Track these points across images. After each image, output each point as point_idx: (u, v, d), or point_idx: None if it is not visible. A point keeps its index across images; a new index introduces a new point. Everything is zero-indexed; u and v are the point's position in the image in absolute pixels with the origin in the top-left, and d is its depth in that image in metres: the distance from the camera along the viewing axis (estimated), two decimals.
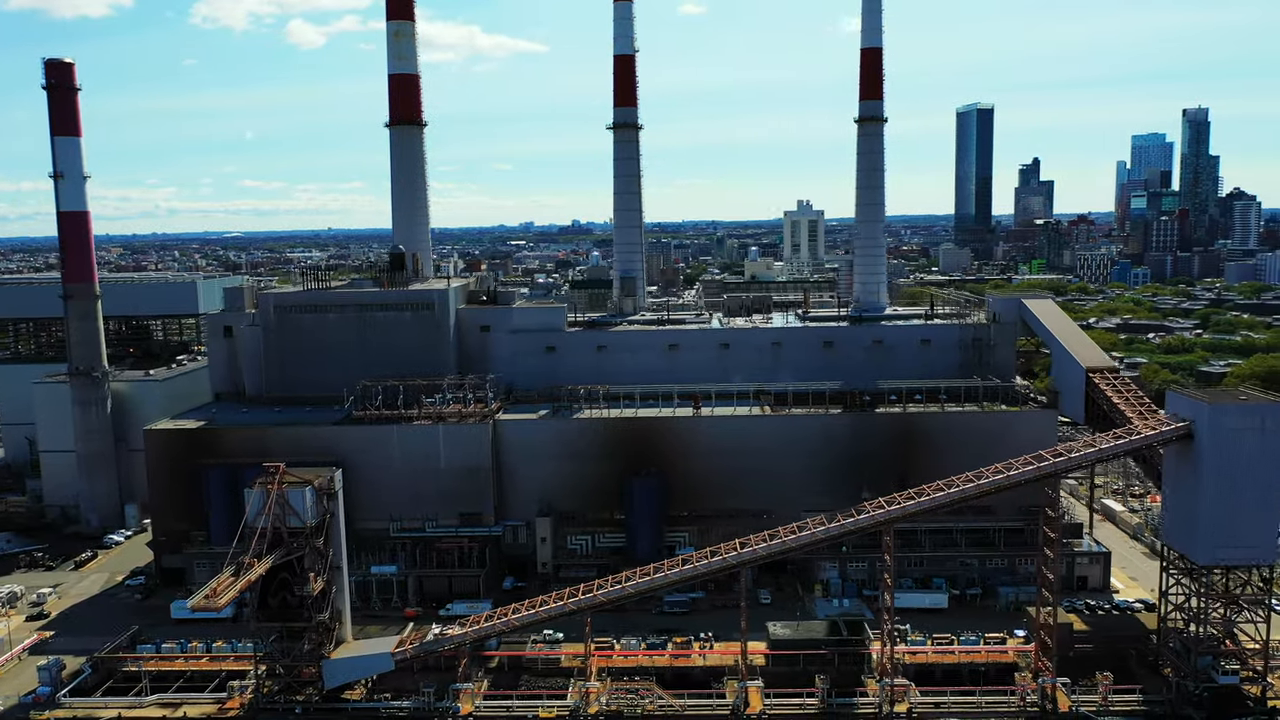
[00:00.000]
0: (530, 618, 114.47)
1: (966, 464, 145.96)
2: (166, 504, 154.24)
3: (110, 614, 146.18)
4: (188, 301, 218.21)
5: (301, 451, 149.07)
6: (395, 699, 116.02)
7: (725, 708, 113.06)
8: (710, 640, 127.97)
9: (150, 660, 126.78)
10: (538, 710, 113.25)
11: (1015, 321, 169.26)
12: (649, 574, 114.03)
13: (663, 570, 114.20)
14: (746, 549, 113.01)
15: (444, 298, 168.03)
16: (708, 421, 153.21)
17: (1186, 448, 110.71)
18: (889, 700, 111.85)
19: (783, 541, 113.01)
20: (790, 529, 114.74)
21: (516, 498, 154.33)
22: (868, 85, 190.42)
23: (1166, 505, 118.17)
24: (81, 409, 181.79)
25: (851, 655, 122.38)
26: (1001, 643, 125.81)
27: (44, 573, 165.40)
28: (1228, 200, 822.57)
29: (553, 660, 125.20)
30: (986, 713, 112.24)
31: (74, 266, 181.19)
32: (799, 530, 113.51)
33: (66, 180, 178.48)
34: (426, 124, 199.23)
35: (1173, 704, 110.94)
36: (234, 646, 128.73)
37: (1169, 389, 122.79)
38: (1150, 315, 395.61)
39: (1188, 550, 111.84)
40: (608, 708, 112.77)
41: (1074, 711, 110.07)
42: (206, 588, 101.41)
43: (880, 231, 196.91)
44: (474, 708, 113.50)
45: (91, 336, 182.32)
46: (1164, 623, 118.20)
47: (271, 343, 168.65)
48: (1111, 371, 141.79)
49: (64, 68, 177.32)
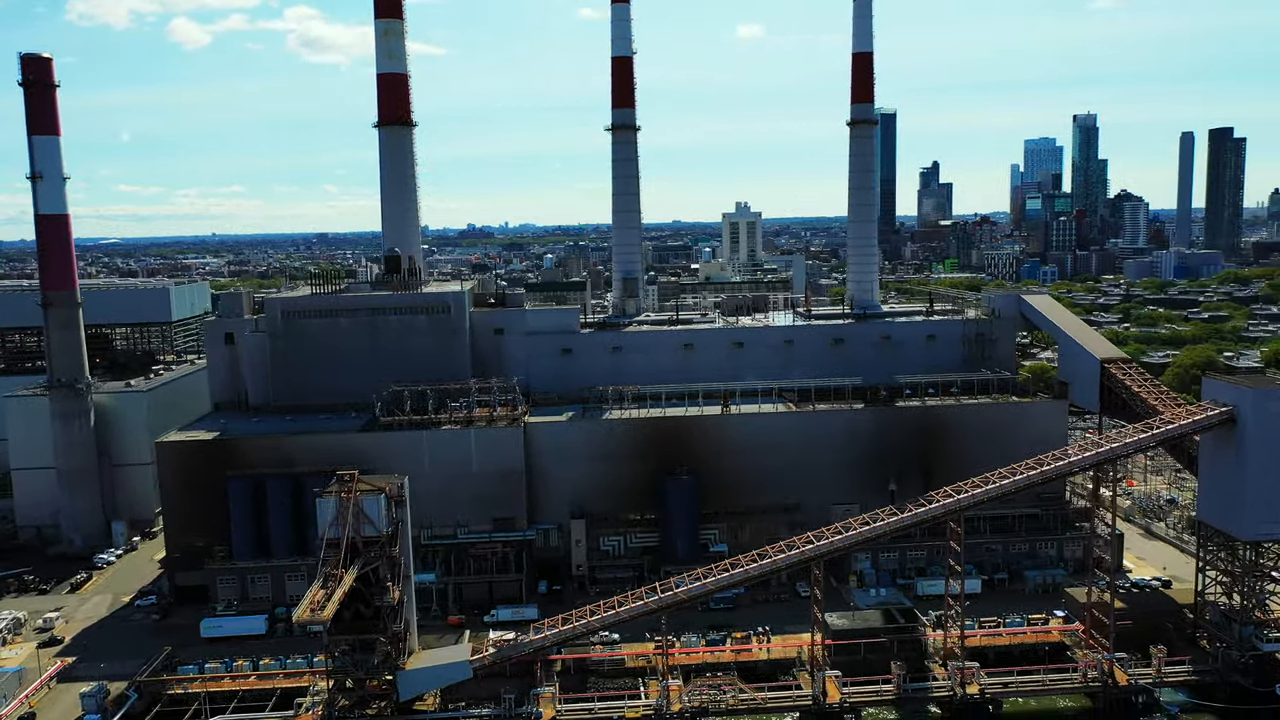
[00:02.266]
0: (611, 618, 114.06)
1: (985, 454, 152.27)
2: (182, 519, 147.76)
3: (128, 636, 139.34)
4: (160, 309, 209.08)
5: (327, 460, 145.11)
6: (469, 707, 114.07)
7: (806, 698, 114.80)
8: (767, 634, 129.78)
9: (195, 682, 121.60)
10: (623, 711, 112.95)
11: (1015, 316, 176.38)
12: (728, 569, 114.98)
13: (740, 565, 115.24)
14: (823, 540, 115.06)
15: (460, 300, 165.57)
16: (737, 419, 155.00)
17: (1228, 431, 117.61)
18: (959, 683, 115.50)
19: (858, 532, 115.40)
20: (861, 519, 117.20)
21: (547, 500, 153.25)
22: (859, 89, 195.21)
23: (1203, 486, 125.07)
24: (63, 423, 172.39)
25: (910, 642, 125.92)
26: (1044, 623, 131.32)
27: (37, 596, 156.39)
28: (1117, 201, 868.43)
29: (618, 661, 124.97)
30: (1050, 690, 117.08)
31: (54, 272, 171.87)
32: (872, 521, 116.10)
33: (46, 181, 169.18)
34: (416, 124, 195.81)
35: (1220, 673, 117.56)
36: (282, 663, 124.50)
37: (1205, 377, 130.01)
38: (1075, 310, 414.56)
39: (1230, 527, 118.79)
40: (690, 704, 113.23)
41: (1133, 684, 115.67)
42: (306, 602, 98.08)
43: (873, 231, 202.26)
44: (556, 712, 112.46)
45: (74, 346, 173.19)
46: (1201, 597, 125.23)
47: (279, 349, 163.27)
48: (1125, 362, 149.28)
49: (41, 63, 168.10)
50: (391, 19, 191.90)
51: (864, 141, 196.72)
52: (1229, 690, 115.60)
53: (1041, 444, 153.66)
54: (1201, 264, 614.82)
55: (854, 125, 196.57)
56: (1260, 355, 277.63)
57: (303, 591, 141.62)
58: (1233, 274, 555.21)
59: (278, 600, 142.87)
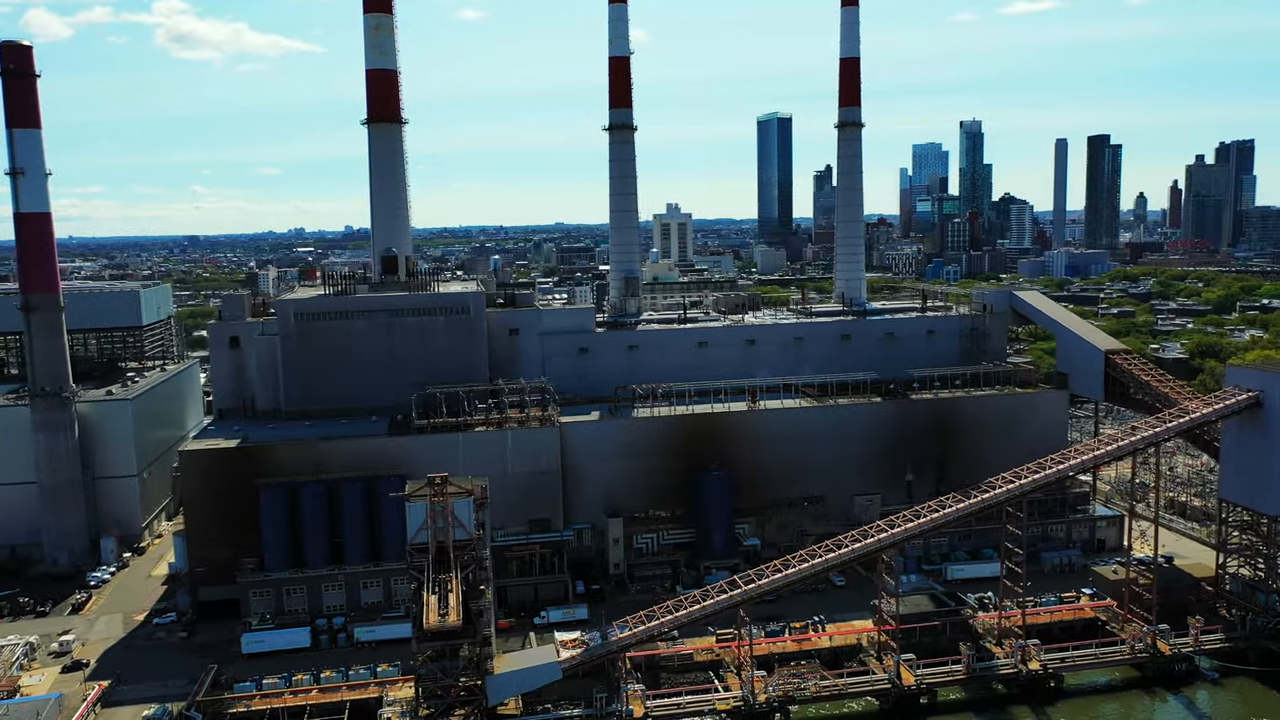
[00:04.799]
0: (697, 613, 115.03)
1: (993, 443, 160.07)
2: (205, 531, 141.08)
3: (157, 656, 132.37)
4: (130, 313, 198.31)
5: (360, 465, 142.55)
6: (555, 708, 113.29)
7: (883, 682, 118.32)
8: (822, 622, 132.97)
9: (256, 698, 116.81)
10: (714, 704, 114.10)
11: (1006, 311, 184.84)
12: (806, 559, 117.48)
13: (819, 555, 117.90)
14: (897, 529, 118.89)
15: (479, 301, 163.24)
16: (768, 414, 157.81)
17: (1254, 414, 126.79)
18: (1021, 660, 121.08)
19: (929, 519, 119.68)
20: (929, 507, 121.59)
21: (581, 500, 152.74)
22: (846, 93, 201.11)
23: (1227, 467, 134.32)
24: (48, 435, 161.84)
25: (961, 624, 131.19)
26: (1075, 600, 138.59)
27: (35, 620, 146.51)
28: (1003, 204, 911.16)
29: (687, 656, 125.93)
30: (1103, 663, 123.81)
31: (36, 274, 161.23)
32: (942, 508, 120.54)
33: (27, 177, 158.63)
34: (407, 121, 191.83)
35: (1249, 638, 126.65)
36: (345, 675, 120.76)
37: (1229, 365, 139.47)
38: None
39: (1256, 504, 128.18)
40: (775, 694, 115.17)
41: (1177, 653, 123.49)
42: (431, 611, 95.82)
43: (860, 231, 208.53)
44: (645, 709, 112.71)
45: (57, 353, 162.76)
46: (1223, 570, 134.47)
47: (291, 352, 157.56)
48: (1127, 353, 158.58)
49: (21, 51, 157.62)
50: (381, 13, 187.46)
51: (851, 144, 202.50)
52: (1259, 654, 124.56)
53: (1045, 432, 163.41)
54: (1090, 263, 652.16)
55: (842, 128, 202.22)
56: (1182, 347, 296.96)
57: (340, 602, 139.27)
58: (1122, 272, 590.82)
59: (315, 612, 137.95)
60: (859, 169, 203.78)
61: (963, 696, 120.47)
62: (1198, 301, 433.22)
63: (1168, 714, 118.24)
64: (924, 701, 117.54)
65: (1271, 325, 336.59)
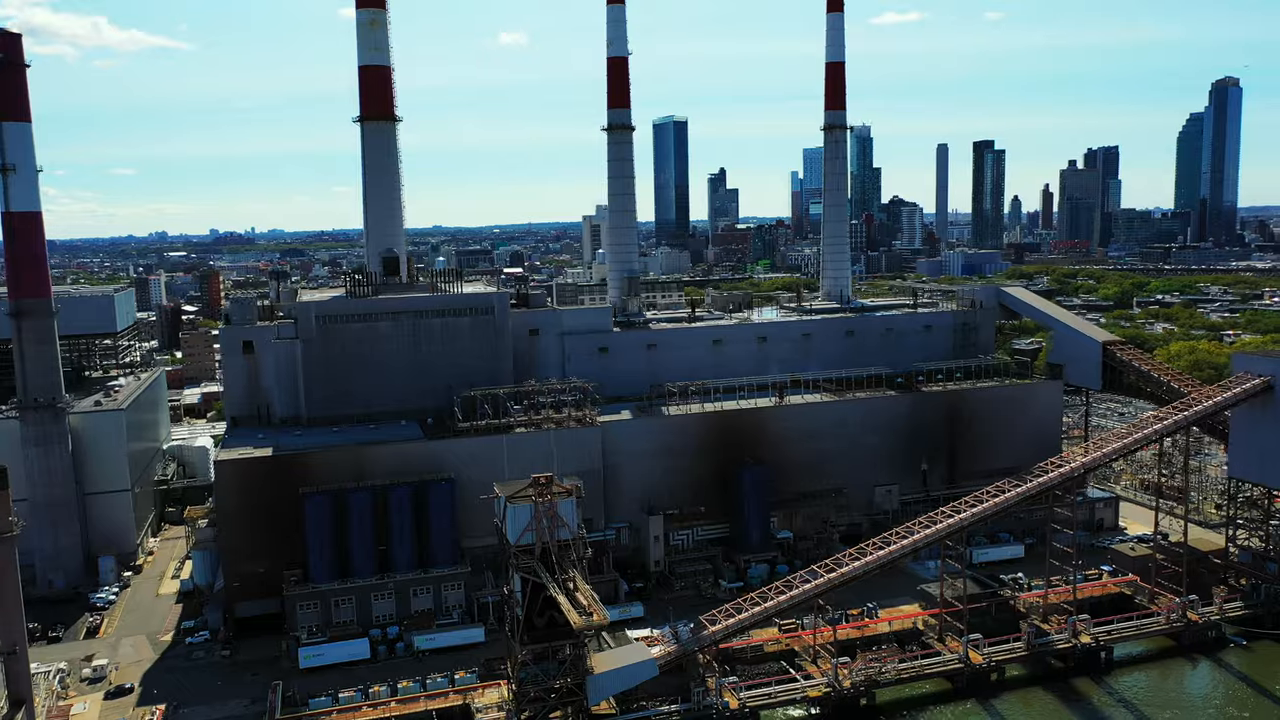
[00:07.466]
0: (786, 602, 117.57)
1: (997, 431, 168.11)
2: (242, 544, 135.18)
3: (202, 676, 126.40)
4: (105, 318, 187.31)
5: (405, 470, 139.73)
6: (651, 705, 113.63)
7: (954, 662, 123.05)
8: (874, 608, 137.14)
9: (333, 714, 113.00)
10: (804, 691, 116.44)
11: (994, 306, 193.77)
12: (882, 545, 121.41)
13: (904, 538, 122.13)
14: (966, 512, 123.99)
15: (504, 301, 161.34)
16: (799, 409, 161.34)
17: (1265, 398, 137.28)
18: (1074, 634, 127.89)
19: (994, 503, 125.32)
20: (993, 489, 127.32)
21: (619, 499, 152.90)
22: (832, 96, 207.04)
23: (1236, 448, 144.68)
24: (41, 450, 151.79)
25: (1005, 604, 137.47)
26: (1099, 578, 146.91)
27: (49, 645, 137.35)
28: (893, 206, 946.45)
29: (758, 647, 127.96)
30: (1145, 634, 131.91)
31: (27, 278, 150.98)
32: (1004, 491, 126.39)
33: (17, 174, 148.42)
34: (401, 119, 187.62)
35: (1265, 605, 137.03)
36: (423, 685, 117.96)
37: (1236, 353, 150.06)
38: None
39: (1268, 480, 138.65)
40: (859, 679, 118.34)
41: (1207, 621, 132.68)
42: (573, 613, 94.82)
43: (845, 231, 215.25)
44: (739, 701, 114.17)
45: (50, 362, 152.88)
46: (1232, 542, 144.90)
47: (314, 356, 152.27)
48: (1124, 344, 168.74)
49: (10, 39, 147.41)
50: (376, 9, 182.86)
51: (837, 146, 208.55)
52: (1274, 619, 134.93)
53: (1043, 421, 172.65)
54: (984, 262, 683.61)
55: (828, 130, 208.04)
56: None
57: (390, 611, 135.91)
58: (1017, 270, 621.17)
59: (364, 623, 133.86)
60: (844, 170, 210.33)
61: (1023, 672, 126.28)
62: (1098, 298, 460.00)
63: (1210, 676, 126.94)
64: (994, 679, 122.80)
65: (1177, 319, 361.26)
